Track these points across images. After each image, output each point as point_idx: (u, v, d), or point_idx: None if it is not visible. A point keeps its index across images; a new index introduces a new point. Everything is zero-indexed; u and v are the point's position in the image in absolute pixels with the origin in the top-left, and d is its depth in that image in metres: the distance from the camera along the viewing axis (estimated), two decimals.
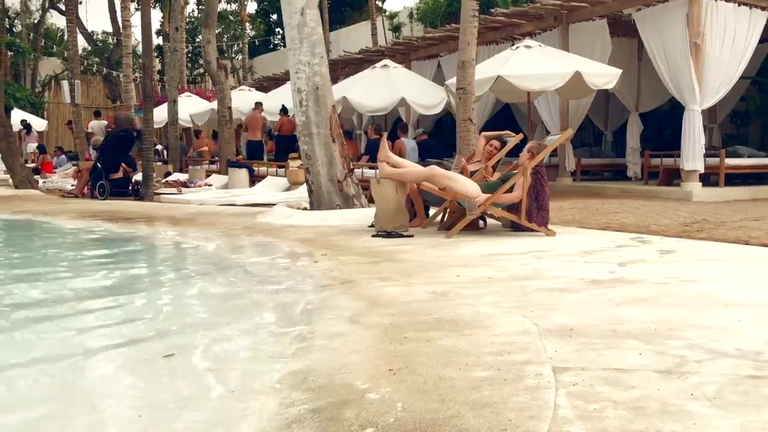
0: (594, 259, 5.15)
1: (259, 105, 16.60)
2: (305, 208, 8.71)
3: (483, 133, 7.73)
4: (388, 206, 6.68)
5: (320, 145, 8.50)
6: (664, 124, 16.33)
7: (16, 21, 32.82)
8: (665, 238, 6.27)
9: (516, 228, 6.63)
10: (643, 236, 6.37)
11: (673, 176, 12.18)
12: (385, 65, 15.04)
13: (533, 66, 11.42)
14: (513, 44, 13.19)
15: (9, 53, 22.31)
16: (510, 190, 6.46)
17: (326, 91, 8.65)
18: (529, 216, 6.43)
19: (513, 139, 7.44)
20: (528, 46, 12.09)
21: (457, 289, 4.06)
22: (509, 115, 16.55)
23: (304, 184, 9.47)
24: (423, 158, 10.91)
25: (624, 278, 4.30)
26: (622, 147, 14.86)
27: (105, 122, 19.45)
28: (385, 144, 6.94)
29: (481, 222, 7.05)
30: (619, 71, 11.78)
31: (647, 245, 5.81)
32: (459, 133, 9.68)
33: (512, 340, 2.93)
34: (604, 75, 11.59)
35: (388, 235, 6.44)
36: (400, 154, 10.57)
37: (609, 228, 7.09)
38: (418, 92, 14.47)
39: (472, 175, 7.01)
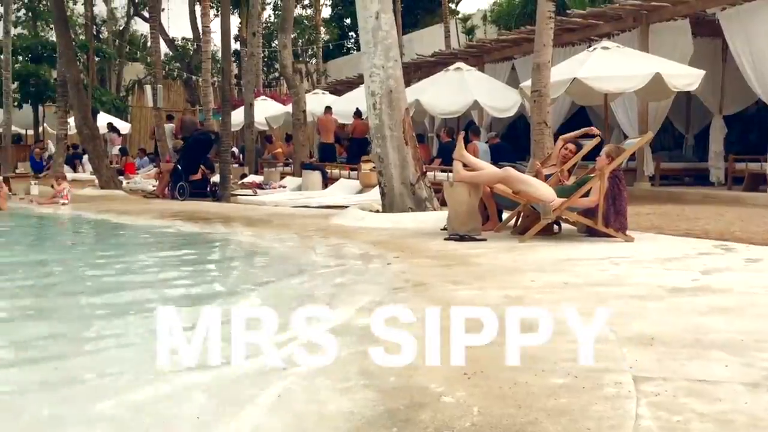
0: (675, 266, 4.99)
1: (328, 109, 16.79)
2: (377, 211, 8.76)
3: (562, 137, 7.59)
4: (461, 209, 6.64)
5: (393, 147, 8.53)
6: (749, 128, 15.66)
7: (102, 28, 34.28)
8: (752, 246, 6.01)
9: (592, 233, 6.48)
10: (727, 244, 6.12)
11: (759, 181, 11.66)
12: (459, 68, 14.98)
13: (611, 67, 11.15)
14: (590, 46, 12.92)
15: (96, 59, 23.31)
16: (586, 194, 6.33)
17: (400, 94, 8.67)
18: (606, 221, 6.27)
19: (590, 142, 7.28)
20: (606, 47, 11.82)
21: (531, 294, 4.00)
22: (585, 117, 16.20)
23: (377, 187, 9.52)
24: (495, 161, 10.78)
25: (708, 287, 4.15)
26: (704, 151, 14.33)
27: (172, 125, 20.04)
28: (461, 142, 6.90)
29: (555, 226, 6.93)
30: (702, 72, 11.38)
31: (732, 253, 5.57)
32: (533, 137, 9.55)
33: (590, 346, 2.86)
34: (685, 76, 11.21)
35: (461, 238, 6.40)
36: None
37: (690, 235, 6.85)
38: (492, 95, 14.36)
39: (546, 178, 6.90)
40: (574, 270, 4.85)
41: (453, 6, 29.06)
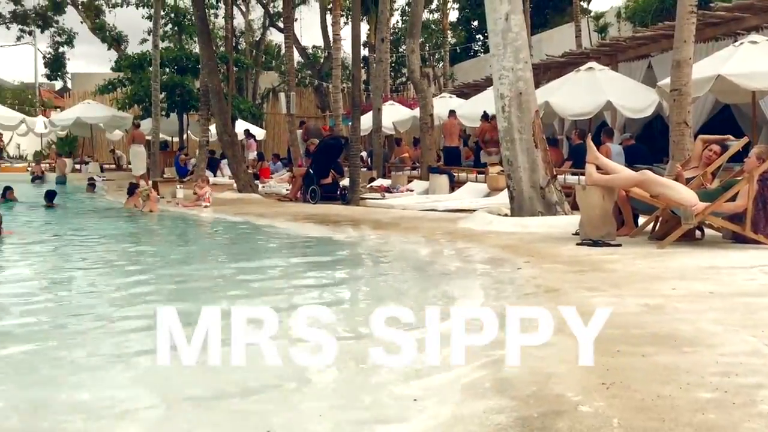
0: None
1: (452, 113, 16.75)
2: (506, 215, 8.66)
3: (701, 137, 7.19)
4: (594, 213, 6.43)
5: (522, 150, 8.40)
6: None
7: (240, 39, 36.05)
8: None
9: (739, 240, 6.08)
10: None
11: None
12: (591, 68, 14.51)
13: (760, 63, 10.41)
14: (735, 40, 12.13)
15: (235, 69, 24.54)
16: (733, 198, 5.95)
17: (529, 96, 8.54)
18: (754, 227, 5.87)
19: (736, 144, 6.84)
20: (754, 42, 11.05)
21: (672, 303, 3.81)
22: (729, 117, 15.21)
23: (505, 190, 9.41)
24: (630, 164, 10.36)
25: None
26: None
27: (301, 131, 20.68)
28: (593, 146, 6.70)
29: (698, 232, 6.56)
30: None
31: None
32: (672, 138, 9.08)
33: (740, 360, 2.69)
34: None
35: (594, 243, 6.20)
36: None
37: None
38: (626, 95, 13.79)
39: (688, 182, 6.55)
40: (719, 278, 4.57)
41: (584, 4, 28.20)
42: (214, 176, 21.06)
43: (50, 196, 12.78)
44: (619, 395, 2.36)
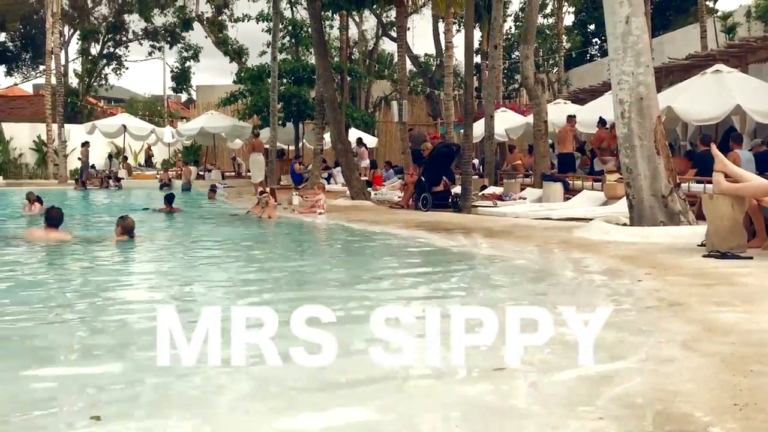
0: None
1: (571, 118, 16.32)
2: (625, 224, 8.35)
3: None
4: (722, 224, 6.10)
5: (643, 158, 8.09)
6: None
7: (354, 49, 36.80)
8: None
9: None
10: None
11: None
12: (718, 70, 13.76)
13: None
14: None
15: (348, 78, 25.07)
16: None
17: (651, 102, 8.21)
18: None
19: None
20: None
21: None
22: None
23: (623, 199, 9.08)
24: (762, 172, 9.74)
25: None
26: None
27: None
28: (720, 154, 6.36)
29: None
30: None
31: None
32: None
33: None
34: None
35: (722, 256, 5.88)
36: None
37: None
38: (757, 98, 12.97)
39: None
40: None
41: (710, 4, 26.81)
42: (328, 184, 21.58)
43: (169, 199, 13.40)
44: (753, 417, 2.23)
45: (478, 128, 19.30)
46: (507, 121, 20.84)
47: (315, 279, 6.47)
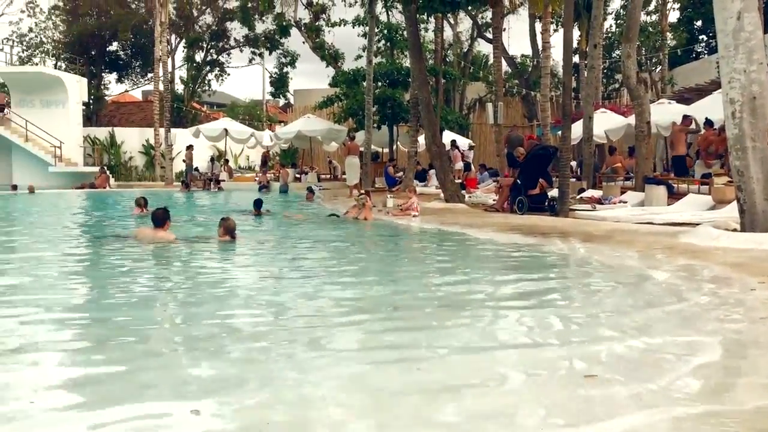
0: None
1: (685, 118, 15.60)
2: (735, 230, 7.93)
3: None
4: None
5: (756, 160, 7.66)
6: None
7: (449, 51, 36.70)
8: None
9: None
10: None
11: None
12: None
13: None
14: None
15: (443, 80, 25.02)
16: None
17: (764, 101, 7.76)
18: None
19: None
20: None
21: None
22: None
23: (733, 203, 8.63)
24: None
25: None
26: None
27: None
28: None
29: None
30: None
31: None
32: None
33: None
34: None
35: None
36: None
37: None
38: None
39: None
40: None
41: None
42: (422, 186, 21.61)
43: (258, 204, 13.61)
44: None
45: (576, 130, 18.82)
46: (607, 122, 20.22)
47: (416, 284, 6.48)
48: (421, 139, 21.02)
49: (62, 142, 27.82)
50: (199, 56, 38.88)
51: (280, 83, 39.31)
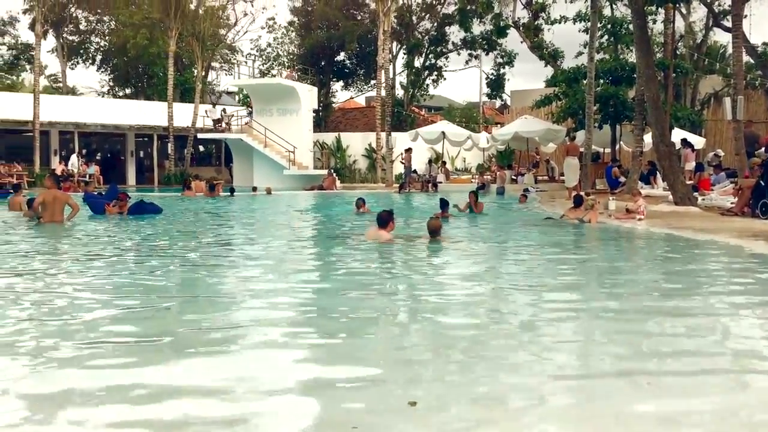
0: None
1: None
2: None
3: None
4: None
5: None
6: None
7: (679, 43, 34.17)
8: None
9: None
10: None
11: None
12: None
13: None
14: None
15: (673, 75, 23.34)
16: None
17: None
18: None
19: None
20: None
21: None
22: None
23: None
24: None
25: None
26: None
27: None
28: None
29: None
30: None
31: None
32: None
33: None
34: None
35: None
36: None
37: None
38: None
39: None
40: None
41: None
42: (647, 188, 20.35)
43: (443, 205, 13.36)
44: None
45: None
46: None
47: (627, 295, 6.11)
48: (647, 138, 19.79)
49: (295, 147, 30.11)
50: (418, 61, 40.03)
51: (496, 84, 39.20)
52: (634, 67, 20.83)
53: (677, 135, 23.81)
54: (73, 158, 29.61)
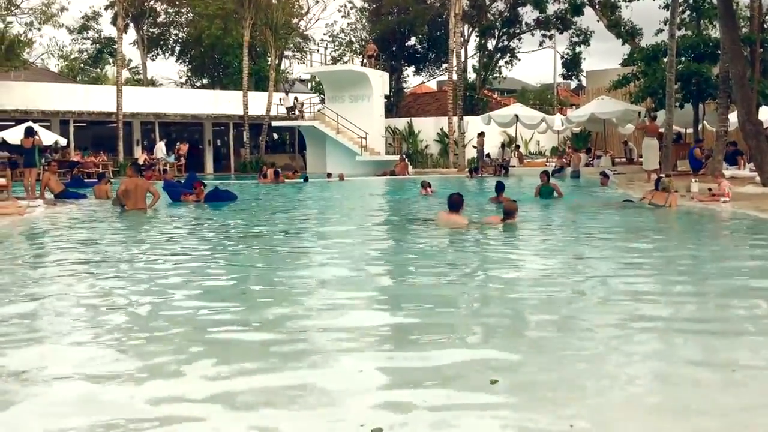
0: None
1: None
2: None
3: None
4: None
5: None
6: None
7: (767, 17, 32.48)
8: None
9: None
10: None
11: None
12: None
13: None
14: None
15: (760, 50, 22.21)
16: None
17: None
18: None
19: None
20: None
21: None
22: None
23: None
24: None
25: None
26: None
27: None
28: None
29: None
30: None
31: None
32: None
33: None
34: None
35: None
36: None
37: None
38: None
39: None
40: None
41: None
42: (732, 169, 19.52)
43: (499, 188, 12.94)
44: None
45: None
46: None
47: (707, 283, 5.88)
48: (733, 117, 18.94)
49: (367, 133, 30.24)
50: (490, 44, 39.45)
51: (572, 64, 38.25)
52: (717, 43, 19.92)
53: (765, 113, 22.69)
54: (161, 145, 30.82)
